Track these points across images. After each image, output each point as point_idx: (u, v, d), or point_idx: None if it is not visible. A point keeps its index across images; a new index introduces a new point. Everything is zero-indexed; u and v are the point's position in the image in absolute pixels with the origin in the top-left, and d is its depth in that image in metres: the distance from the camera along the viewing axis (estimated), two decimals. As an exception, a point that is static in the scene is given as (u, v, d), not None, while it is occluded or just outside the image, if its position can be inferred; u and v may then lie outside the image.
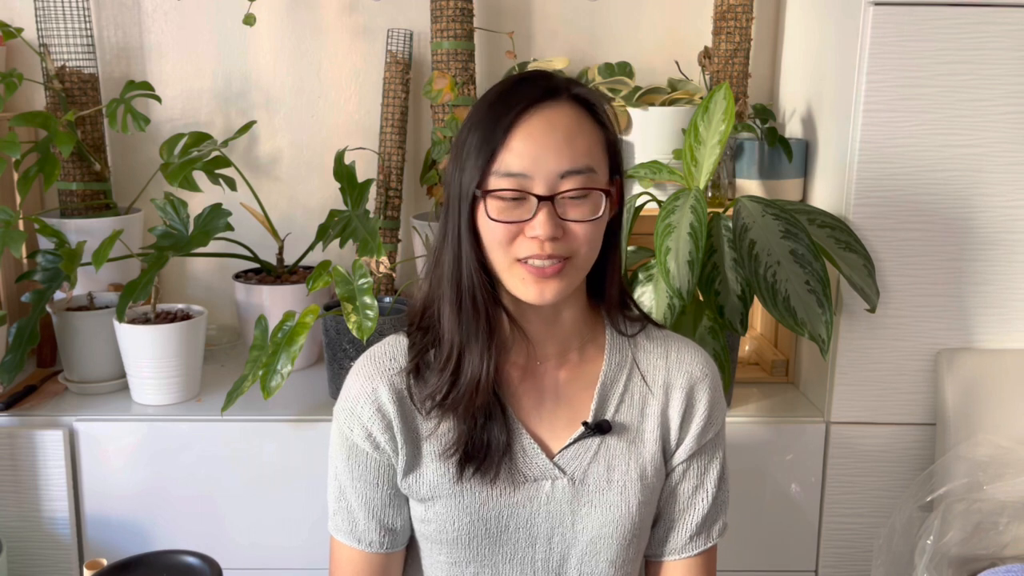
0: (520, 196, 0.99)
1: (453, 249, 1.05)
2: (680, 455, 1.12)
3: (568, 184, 0.99)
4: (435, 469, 1.07)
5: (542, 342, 1.10)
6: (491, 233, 1.01)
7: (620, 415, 1.11)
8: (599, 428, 1.09)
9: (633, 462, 1.10)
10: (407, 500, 1.12)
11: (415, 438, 1.08)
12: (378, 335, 1.63)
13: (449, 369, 1.05)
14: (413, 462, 1.08)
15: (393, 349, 1.10)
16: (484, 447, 1.05)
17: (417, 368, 1.08)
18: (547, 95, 1.01)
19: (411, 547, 1.15)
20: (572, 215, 1.00)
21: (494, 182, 1.00)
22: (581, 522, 1.09)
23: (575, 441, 1.09)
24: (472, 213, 1.03)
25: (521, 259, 1.01)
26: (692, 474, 1.13)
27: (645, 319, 1.15)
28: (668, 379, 1.12)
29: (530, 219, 0.99)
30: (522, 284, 1.02)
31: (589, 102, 1.04)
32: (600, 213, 1.01)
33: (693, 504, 1.13)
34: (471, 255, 1.03)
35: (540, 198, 0.99)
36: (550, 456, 1.09)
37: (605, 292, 1.12)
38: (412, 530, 1.13)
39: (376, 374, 1.08)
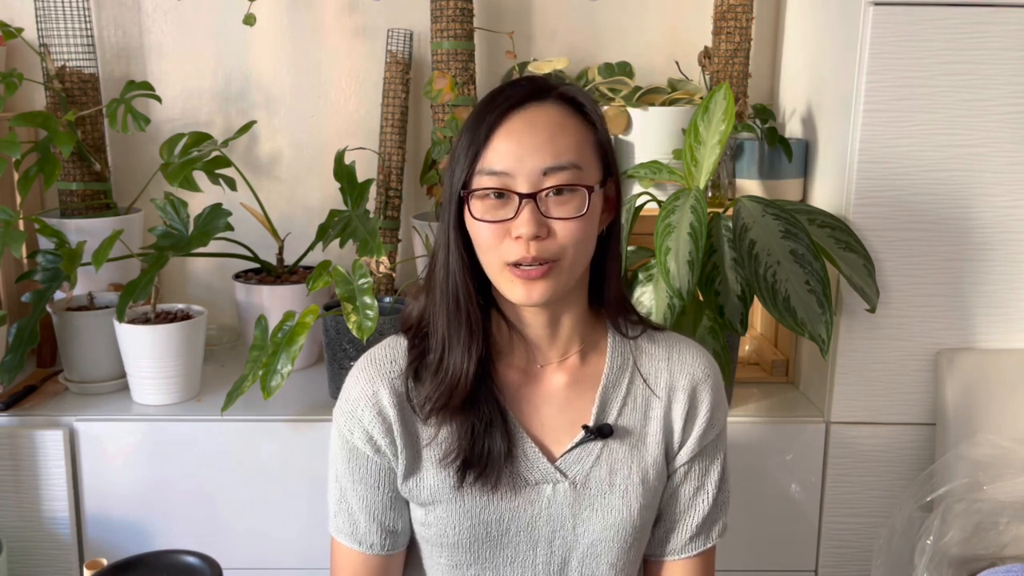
0: (503, 194, 1.00)
1: (443, 251, 1.05)
2: (682, 456, 1.12)
3: (551, 181, 0.99)
4: (435, 474, 1.06)
5: (542, 346, 1.10)
6: (478, 235, 1.01)
7: (623, 419, 1.10)
8: (600, 432, 1.08)
9: (635, 465, 1.09)
10: (408, 503, 1.11)
11: (414, 442, 1.08)
12: (378, 335, 1.63)
13: (440, 373, 1.06)
14: (413, 466, 1.08)
15: (393, 351, 1.10)
16: (484, 455, 1.05)
17: (416, 372, 1.07)
18: (532, 96, 1.02)
19: (412, 547, 1.15)
20: (556, 212, 1.00)
21: (477, 181, 1.00)
22: (582, 525, 1.09)
23: (577, 445, 1.09)
24: (460, 215, 1.03)
25: (510, 264, 1.00)
26: (693, 475, 1.13)
27: (645, 322, 1.15)
28: (671, 381, 1.11)
29: (513, 218, 0.99)
30: (511, 286, 1.02)
31: (576, 101, 1.04)
32: (585, 211, 1.00)
33: (694, 505, 1.13)
34: (457, 257, 1.04)
35: (522, 195, 0.99)
36: (552, 460, 1.08)
37: (605, 296, 1.11)
38: (413, 531, 1.13)
39: (377, 376, 1.08)
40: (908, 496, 1.59)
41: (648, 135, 1.91)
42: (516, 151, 0.99)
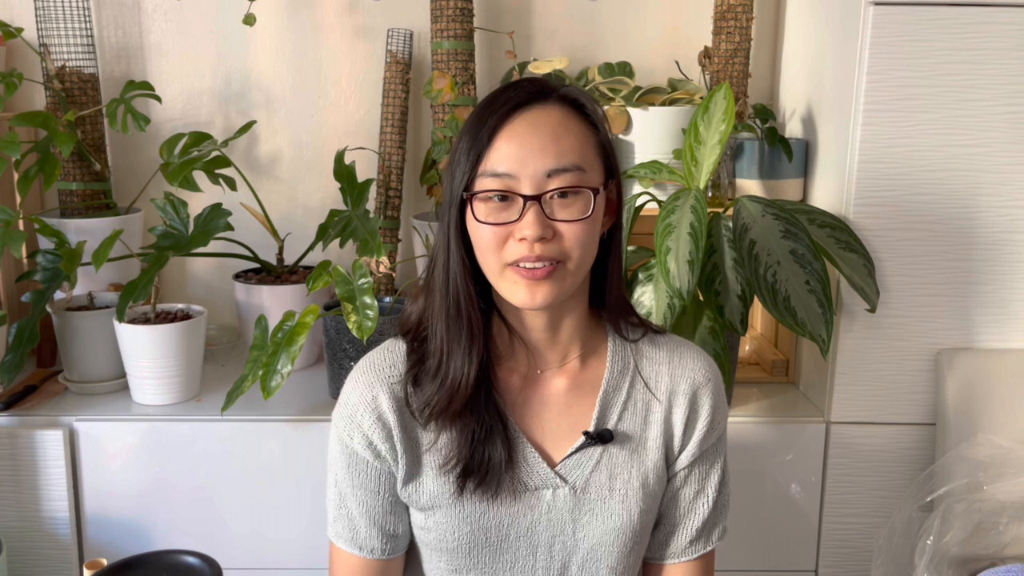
0: (507, 197, 0.99)
1: (443, 254, 1.05)
2: (682, 461, 1.12)
3: (555, 183, 0.98)
4: (435, 480, 1.06)
5: (543, 350, 1.09)
6: (481, 237, 1.00)
7: (623, 423, 1.10)
8: (600, 437, 1.08)
9: (635, 470, 1.09)
10: (408, 507, 1.11)
11: (415, 447, 1.07)
12: (378, 335, 1.64)
13: (439, 377, 1.05)
14: (413, 471, 1.07)
15: (392, 356, 1.09)
16: (484, 463, 1.04)
17: (415, 377, 1.07)
18: (534, 97, 1.01)
19: (412, 551, 1.15)
20: (561, 215, 0.99)
21: (480, 183, 1.00)
22: (582, 530, 1.08)
23: (577, 450, 1.08)
24: (461, 217, 1.02)
25: (512, 264, 1.00)
26: (694, 479, 1.13)
27: (645, 325, 1.15)
28: (672, 385, 1.11)
29: (518, 220, 0.98)
30: (514, 287, 1.01)
31: (578, 102, 1.03)
32: (590, 212, 1.00)
33: (694, 509, 1.13)
34: (458, 260, 1.03)
35: (527, 198, 0.98)
36: (552, 465, 1.08)
37: (606, 299, 1.11)
38: (412, 535, 1.13)
39: (376, 381, 1.07)
40: (908, 496, 1.59)
41: (648, 135, 1.91)
42: (519, 153, 0.98)
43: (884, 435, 1.71)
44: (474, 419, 1.04)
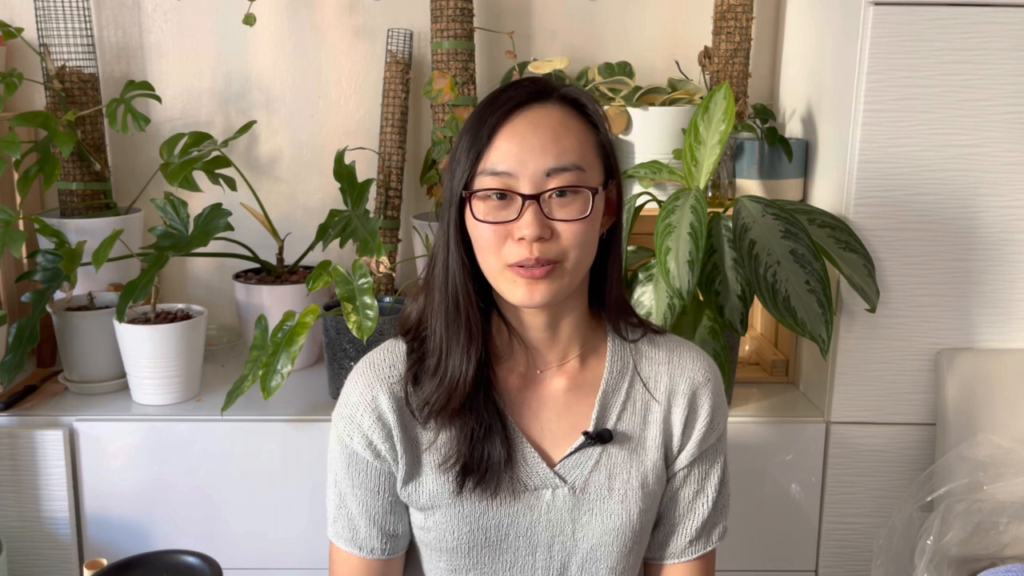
0: (506, 195, 0.99)
1: (443, 253, 1.05)
2: (682, 461, 1.12)
3: (554, 182, 0.99)
4: (435, 480, 1.06)
5: (542, 350, 1.09)
6: (480, 236, 1.01)
7: (622, 423, 1.10)
8: (600, 437, 1.08)
9: (635, 470, 1.09)
10: (408, 507, 1.11)
11: (414, 447, 1.07)
12: (378, 335, 1.64)
13: (438, 375, 1.05)
14: (412, 471, 1.07)
15: (392, 356, 1.09)
16: (484, 461, 1.04)
17: (415, 376, 1.07)
18: (534, 97, 1.01)
19: (412, 551, 1.15)
20: (559, 214, 0.99)
21: (479, 182, 1.00)
22: (582, 530, 1.08)
23: (576, 450, 1.08)
24: (460, 216, 1.03)
25: (511, 265, 1.00)
26: (693, 479, 1.13)
27: (645, 325, 1.15)
28: (671, 385, 1.11)
29: (516, 219, 0.98)
30: (512, 287, 1.01)
31: (579, 102, 1.03)
32: (588, 212, 1.00)
33: (693, 509, 1.13)
34: (457, 258, 1.03)
35: (525, 197, 0.98)
36: (551, 465, 1.08)
37: (605, 299, 1.11)
38: (412, 535, 1.13)
39: (376, 381, 1.07)
40: (908, 496, 1.59)
41: (648, 135, 1.91)
42: (519, 152, 0.99)
43: (884, 435, 1.71)
44: (473, 418, 1.04)
